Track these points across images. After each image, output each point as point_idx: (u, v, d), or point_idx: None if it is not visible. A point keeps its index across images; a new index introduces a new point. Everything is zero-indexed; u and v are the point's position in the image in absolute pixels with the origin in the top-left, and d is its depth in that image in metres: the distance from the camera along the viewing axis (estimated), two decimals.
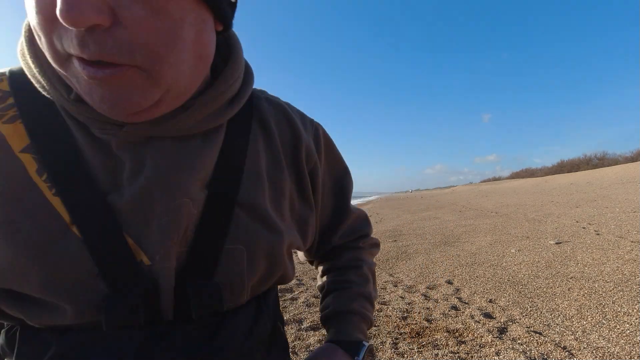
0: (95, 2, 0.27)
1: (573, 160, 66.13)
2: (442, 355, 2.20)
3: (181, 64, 0.32)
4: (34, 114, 0.36)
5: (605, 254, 4.36)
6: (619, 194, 11.13)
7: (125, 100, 0.31)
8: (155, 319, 0.37)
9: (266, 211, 0.43)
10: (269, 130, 0.47)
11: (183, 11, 0.31)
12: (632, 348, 2.17)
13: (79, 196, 0.35)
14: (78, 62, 0.29)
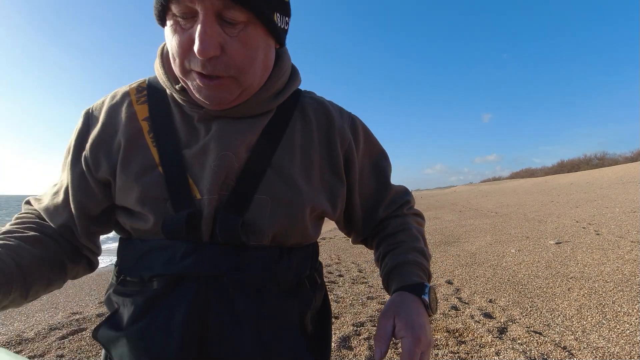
0: (215, 44, 0.47)
1: (573, 160, 66.11)
2: (442, 355, 2.20)
3: (255, 73, 0.53)
4: (154, 100, 0.59)
5: (605, 254, 4.36)
6: (619, 194, 11.13)
7: (220, 98, 0.52)
8: (197, 239, 0.52)
9: (291, 175, 0.57)
10: (308, 117, 0.62)
11: (258, 42, 0.51)
12: (632, 348, 2.17)
13: (166, 148, 0.55)
14: (196, 74, 0.50)
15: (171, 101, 0.59)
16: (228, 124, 0.56)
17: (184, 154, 0.54)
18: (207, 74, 0.49)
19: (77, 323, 3.03)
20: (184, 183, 0.53)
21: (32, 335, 2.77)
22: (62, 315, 3.37)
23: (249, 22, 0.49)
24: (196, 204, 0.52)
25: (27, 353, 2.46)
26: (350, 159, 0.64)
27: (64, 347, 2.53)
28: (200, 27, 0.46)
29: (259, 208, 0.54)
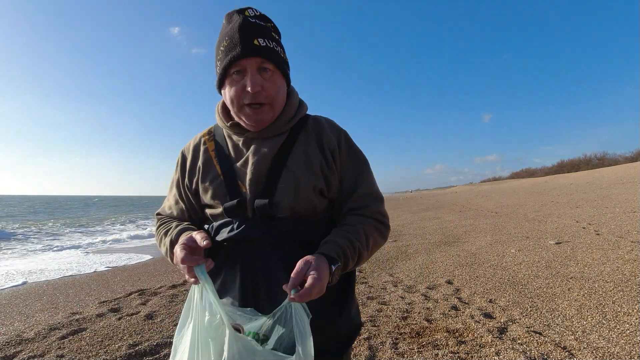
0: (259, 84, 0.82)
1: (573, 160, 65.99)
2: (442, 355, 2.20)
3: (280, 102, 0.88)
4: (216, 138, 0.96)
5: (605, 254, 4.36)
6: (619, 194, 11.13)
7: (262, 120, 0.86)
8: (245, 216, 0.86)
9: (298, 170, 0.88)
10: (309, 132, 0.94)
11: (280, 82, 0.87)
12: (632, 348, 2.17)
13: (224, 165, 0.90)
14: (248, 106, 0.85)
15: (226, 136, 0.96)
16: (259, 143, 0.90)
17: (234, 166, 0.90)
18: (255, 102, 0.84)
19: (77, 323, 3.03)
20: (235, 184, 0.88)
21: (32, 335, 2.77)
22: (62, 315, 3.37)
23: (274, 71, 0.86)
24: (242, 194, 0.86)
25: (27, 353, 2.46)
26: (335, 158, 0.93)
27: (64, 347, 2.53)
28: (250, 76, 0.83)
29: (280, 193, 0.85)
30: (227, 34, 0.84)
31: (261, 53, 0.82)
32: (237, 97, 0.84)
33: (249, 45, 0.82)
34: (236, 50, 0.82)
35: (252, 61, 0.82)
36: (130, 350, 2.40)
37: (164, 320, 3.00)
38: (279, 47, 0.88)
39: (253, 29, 0.83)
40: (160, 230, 0.95)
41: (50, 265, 6.83)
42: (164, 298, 3.68)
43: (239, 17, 0.84)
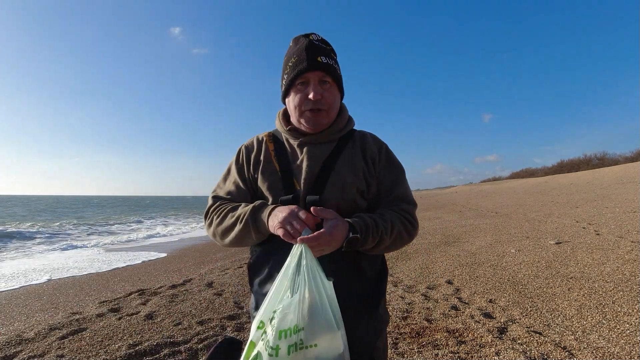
0: (319, 93, 0.99)
1: (573, 160, 65.86)
2: (442, 355, 2.20)
3: (334, 110, 1.06)
4: (276, 140, 1.11)
5: (605, 254, 4.36)
6: (619, 194, 11.13)
7: (320, 123, 1.03)
8: None
9: (344, 174, 1.01)
10: (355, 143, 1.09)
11: (336, 94, 1.06)
12: (632, 348, 2.17)
13: (282, 163, 1.05)
14: (309, 111, 1.01)
15: (284, 139, 1.10)
16: (313, 147, 1.05)
17: (291, 166, 1.04)
18: (315, 109, 1.00)
19: (77, 323, 3.03)
20: (290, 181, 1.02)
21: (32, 335, 2.77)
22: (62, 315, 3.37)
23: (332, 84, 1.03)
24: (297, 191, 1.00)
25: (27, 353, 2.46)
26: (375, 165, 1.08)
27: (64, 347, 2.53)
28: (312, 87, 0.99)
29: (328, 191, 0.99)
30: (294, 53, 1.03)
31: (323, 68, 1.00)
32: (300, 103, 1.01)
33: (313, 62, 0.99)
34: (302, 65, 0.99)
35: (315, 74, 0.99)
36: (130, 350, 2.40)
37: (164, 320, 3.00)
38: (336, 65, 1.05)
39: (316, 49, 1.01)
40: (223, 207, 1.04)
41: (72, 263, 6.88)
42: (164, 298, 3.68)
43: (305, 39, 1.03)
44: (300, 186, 1.00)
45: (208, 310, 3.21)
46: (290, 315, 0.73)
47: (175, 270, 5.67)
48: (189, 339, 2.58)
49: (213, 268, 5.41)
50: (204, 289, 3.95)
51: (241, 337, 2.59)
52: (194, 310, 3.22)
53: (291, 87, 1.02)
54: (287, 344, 0.71)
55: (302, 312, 0.73)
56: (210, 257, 6.92)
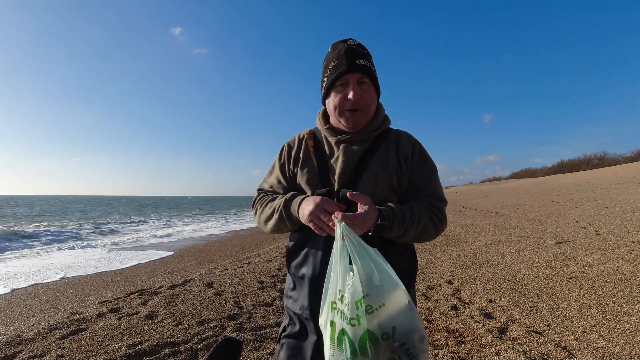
0: (358, 94, 1.07)
1: (573, 160, 65.78)
2: (442, 355, 2.20)
3: (371, 110, 1.13)
4: (315, 138, 1.20)
5: (605, 254, 4.36)
6: (619, 194, 11.13)
7: (358, 123, 1.10)
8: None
9: (377, 171, 1.08)
10: (390, 141, 1.15)
11: (373, 94, 1.13)
12: (632, 348, 2.17)
13: (319, 159, 1.14)
14: (348, 111, 1.09)
15: (322, 137, 1.19)
16: (349, 145, 1.12)
17: (328, 162, 1.12)
18: (354, 108, 1.07)
19: (77, 323, 3.03)
20: (326, 175, 1.10)
21: (32, 335, 2.77)
22: (62, 315, 3.37)
23: (370, 85, 1.10)
24: (332, 185, 1.08)
25: (27, 353, 2.46)
26: (407, 162, 1.14)
27: (64, 347, 2.53)
28: (352, 88, 1.06)
29: (362, 186, 1.06)
30: (334, 57, 1.10)
31: (361, 70, 1.07)
32: (340, 104, 1.08)
33: (352, 64, 1.06)
34: (342, 67, 1.07)
35: (354, 76, 1.07)
36: (130, 350, 2.40)
37: (164, 320, 3.00)
38: (373, 67, 1.12)
39: (355, 53, 1.09)
40: (265, 199, 1.17)
41: (82, 262, 6.90)
42: (164, 298, 3.68)
43: (344, 45, 1.11)
44: (335, 181, 1.08)
45: (208, 310, 3.21)
46: (357, 286, 0.82)
47: (175, 270, 5.67)
48: (189, 339, 2.58)
49: (213, 268, 5.41)
50: (204, 289, 3.95)
51: (241, 337, 2.59)
52: (194, 310, 3.22)
53: (331, 88, 1.10)
54: (363, 312, 0.81)
55: (362, 281, 0.82)
56: (210, 257, 6.92)
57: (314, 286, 1.05)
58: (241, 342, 1.07)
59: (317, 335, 1.03)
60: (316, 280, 1.05)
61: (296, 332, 1.08)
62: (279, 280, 4.16)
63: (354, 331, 0.81)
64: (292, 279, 1.15)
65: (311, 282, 1.07)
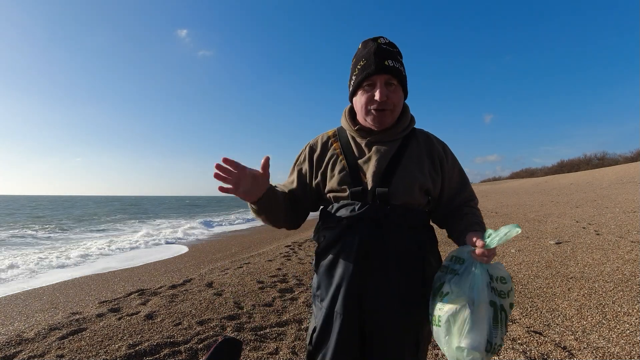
0: (385, 94, 1.06)
1: (573, 160, 65.79)
2: (442, 355, 2.20)
3: (398, 110, 1.12)
4: (341, 139, 1.19)
5: (605, 254, 4.36)
6: (619, 194, 11.12)
7: (385, 122, 1.10)
8: (366, 201, 1.06)
9: (411, 170, 1.09)
10: (419, 142, 1.17)
11: (401, 95, 1.11)
12: (632, 348, 2.17)
13: (349, 159, 1.13)
14: (374, 111, 1.08)
15: (350, 138, 1.18)
16: (380, 145, 1.12)
17: (358, 162, 1.11)
18: (380, 109, 1.07)
19: (77, 323, 3.03)
20: (357, 175, 1.09)
21: (32, 335, 2.77)
22: (62, 315, 3.36)
23: (397, 86, 1.09)
24: (364, 183, 1.08)
25: (27, 353, 2.46)
26: (443, 165, 1.16)
27: (64, 347, 2.53)
28: (379, 88, 1.05)
29: (395, 185, 1.06)
30: (363, 56, 1.08)
31: (390, 71, 1.05)
32: (366, 104, 1.08)
33: (381, 65, 1.05)
34: (371, 68, 1.05)
35: (382, 77, 1.05)
36: (130, 350, 2.40)
37: (164, 320, 3.00)
38: (402, 68, 1.10)
39: (384, 53, 1.07)
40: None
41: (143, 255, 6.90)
42: (164, 298, 3.68)
43: (374, 44, 1.08)
44: (368, 180, 1.07)
45: (208, 310, 3.21)
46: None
47: (175, 270, 5.67)
48: (189, 339, 2.58)
49: (213, 268, 5.41)
50: (204, 289, 3.95)
51: (241, 337, 2.59)
52: (194, 310, 3.22)
53: (359, 88, 1.09)
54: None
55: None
56: (210, 257, 6.92)
57: (348, 286, 1.03)
58: (241, 342, 1.07)
59: (346, 333, 1.02)
60: (349, 280, 1.03)
61: (327, 330, 1.06)
62: (279, 280, 4.16)
63: (505, 303, 0.96)
64: (319, 279, 1.13)
65: (342, 282, 1.04)
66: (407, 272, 1.06)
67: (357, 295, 1.03)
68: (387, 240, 1.03)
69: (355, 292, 1.03)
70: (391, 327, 1.02)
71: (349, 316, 1.02)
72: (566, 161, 67.99)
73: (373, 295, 1.02)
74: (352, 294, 1.03)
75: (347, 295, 1.03)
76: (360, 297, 1.03)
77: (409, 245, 1.07)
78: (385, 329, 1.02)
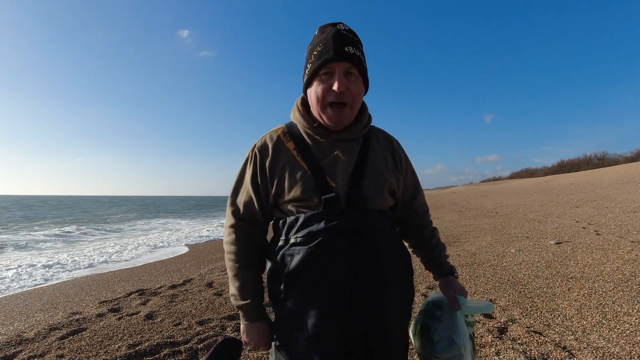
0: (344, 85, 0.93)
1: (573, 160, 65.79)
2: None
3: (358, 105, 1.00)
4: (294, 138, 1.02)
5: (605, 254, 4.36)
6: (619, 194, 11.12)
7: (342, 121, 0.98)
8: (340, 208, 0.94)
9: (380, 168, 1.02)
10: (379, 139, 1.09)
11: (361, 87, 0.99)
12: (632, 348, 2.17)
13: (310, 162, 0.97)
14: (330, 105, 0.96)
15: (305, 135, 1.03)
16: (345, 144, 1.01)
17: (321, 164, 0.98)
18: (338, 102, 0.95)
19: (77, 323, 3.03)
20: (323, 179, 0.96)
21: (32, 335, 2.77)
22: (62, 315, 3.36)
23: (358, 77, 0.97)
24: (334, 189, 0.95)
25: (27, 353, 2.46)
26: (402, 164, 1.11)
27: (64, 347, 2.53)
28: (337, 78, 0.93)
29: (366, 188, 0.97)
30: (321, 41, 0.97)
31: (350, 59, 0.94)
32: (323, 95, 0.95)
33: (340, 51, 0.93)
34: (329, 54, 0.94)
35: (341, 65, 0.94)
36: (130, 350, 2.40)
37: (164, 320, 3.00)
38: (363, 57, 0.99)
39: (344, 38, 0.96)
40: (238, 254, 1.03)
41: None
42: (164, 298, 3.68)
43: (332, 28, 0.97)
44: (336, 183, 0.95)
45: (208, 310, 3.21)
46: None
47: (175, 270, 5.67)
48: (189, 339, 2.58)
49: (213, 268, 5.41)
50: (204, 289, 3.95)
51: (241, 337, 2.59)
52: (194, 310, 3.22)
53: (315, 76, 0.97)
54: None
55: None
56: (210, 257, 6.92)
57: (337, 309, 0.91)
58: (241, 342, 1.07)
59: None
60: (334, 309, 0.91)
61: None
62: None
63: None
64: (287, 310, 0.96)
65: (326, 313, 0.91)
66: (400, 288, 1.01)
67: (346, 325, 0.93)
68: (378, 253, 0.95)
69: (344, 322, 0.92)
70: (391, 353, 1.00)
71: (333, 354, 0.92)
72: (566, 161, 68.01)
73: (375, 327, 0.95)
74: (339, 324, 0.92)
75: (335, 327, 0.92)
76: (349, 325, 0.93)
77: (396, 254, 1.01)
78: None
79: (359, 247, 0.92)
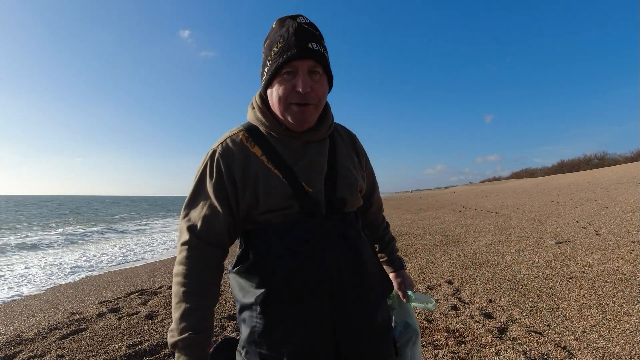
0: (308, 84, 0.87)
1: (573, 160, 65.84)
2: (442, 355, 2.20)
3: (322, 104, 0.93)
4: (260, 142, 0.94)
5: (605, 254, 4.36)
6: (619, 194, 11.12)
7: (307, 120, 0.90)
8: (318, 214, 0.90)
9: (350, 168, 1.00)
10: (343, 137, 1.07)
11: (326, 86, 0.93)
12: (632, 348, 2.17)
13: (282, 168, 0.90)
14: (295, 105, 0.88)
15: (270, 138, 0.95)
16: (316, 146, 0.96)
17: (293, 168, 0.91)
18: (303, 102, 0.88)
19: (77, 323, 3.03)
20: (298, 185, 0.90)
21: (32, 335, 2.77)
22: (62, 315, 3.36)
23: (322, 75, 0.91)
24: (310, 194, 0.90)
25: (27, 353, 2.46)
26: (363, 160, 1.09)
27: (64, 347, 2.53)
28: (301, 77, 0.87)
29: (341, 190, 0.95)
30: (281, 36, 0.88)
31: (314, 56, 0.87)
32: (286, 96, 0.88)
33: (304, 48, 0.86)
34: (291, 51, 0.86)
35: (305, 63, 0.87)
36: (130, 350, 2.40)
37: (164, 320, 3.00)
38: (327, 54, 0.93)
39: (307, 34, 0.88)
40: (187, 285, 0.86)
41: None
42: (164, 298, 3.68)
43: (293, 22, 0.89)
44: (312, 188, 0.90)
45: None
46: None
47: None
48: None
49: None
50: None
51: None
52: None
53: (275, 76, 0.89)
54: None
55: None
56: None
57: (321, 325, 0.87)
58: None
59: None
60: (322, 318, 0.88)
61: None
62: None
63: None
64: (269, 324, 0.88)
65: (314, 322, 0.87)
66: (380, 292, 1.01)
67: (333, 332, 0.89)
68: (360, 254, 0.94)
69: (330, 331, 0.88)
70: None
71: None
72: (566, 161, 68.05)
73: (353, 334, 0.91)
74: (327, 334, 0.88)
75: (323, 339, 0.88)
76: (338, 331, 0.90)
77: (372, 255, 1.02)
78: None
79: (344, 251, 0.91)
